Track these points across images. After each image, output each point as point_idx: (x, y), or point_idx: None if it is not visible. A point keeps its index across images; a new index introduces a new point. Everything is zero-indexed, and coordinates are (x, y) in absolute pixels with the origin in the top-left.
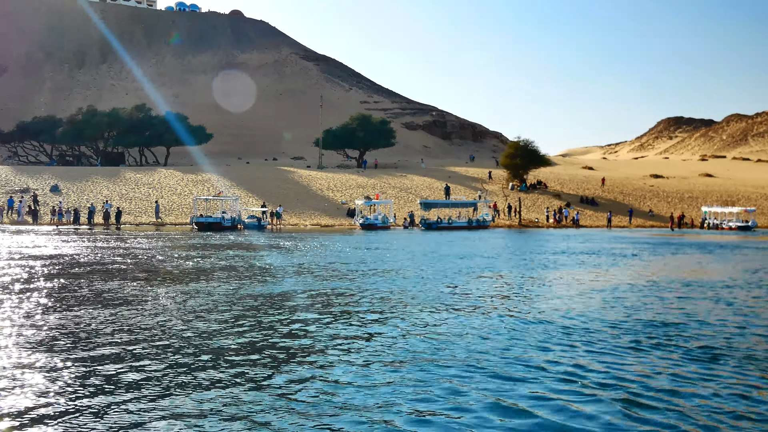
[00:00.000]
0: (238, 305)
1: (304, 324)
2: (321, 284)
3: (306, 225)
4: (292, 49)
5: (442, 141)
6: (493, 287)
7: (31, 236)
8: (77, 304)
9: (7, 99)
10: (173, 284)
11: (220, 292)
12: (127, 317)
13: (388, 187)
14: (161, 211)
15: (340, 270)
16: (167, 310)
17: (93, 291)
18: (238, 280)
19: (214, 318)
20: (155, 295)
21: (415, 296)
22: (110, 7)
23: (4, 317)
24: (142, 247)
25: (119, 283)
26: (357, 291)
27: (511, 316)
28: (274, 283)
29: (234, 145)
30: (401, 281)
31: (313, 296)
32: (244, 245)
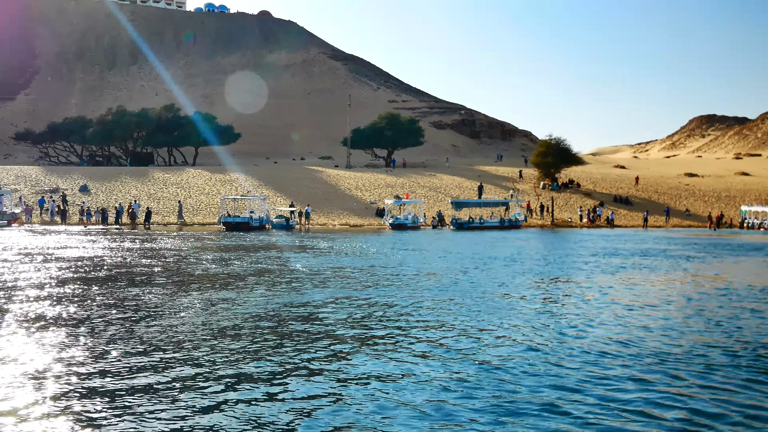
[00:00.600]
0: (279, 317)
1: (360, 342)
2: (369, 293)
3: (334, 225)
4: (320, 48)
5: (471, 140)
6: (562, 296)
7: (59, 237)
8: (106, 312)
9: (39, 100)
10: (205, 292)
11: (259, 302)
12: (157, 329)
13: (417, 186)
14: (185, 211)
15: (383, 275)
16: (199, 322)
17: (121, 298)
18: (276, 287)
19: (253, 333)
20: (187, 304)
21: (473, 307)
22: (140, 9)
23: (28, 324)
24: (171, 249)
25: (148, 289)
26: (409, 301)
27: (593, 335)
28: (316, 289)
29: (262, 145)
30: (456, 289)
31: (364, 306)
32: (275, 246)
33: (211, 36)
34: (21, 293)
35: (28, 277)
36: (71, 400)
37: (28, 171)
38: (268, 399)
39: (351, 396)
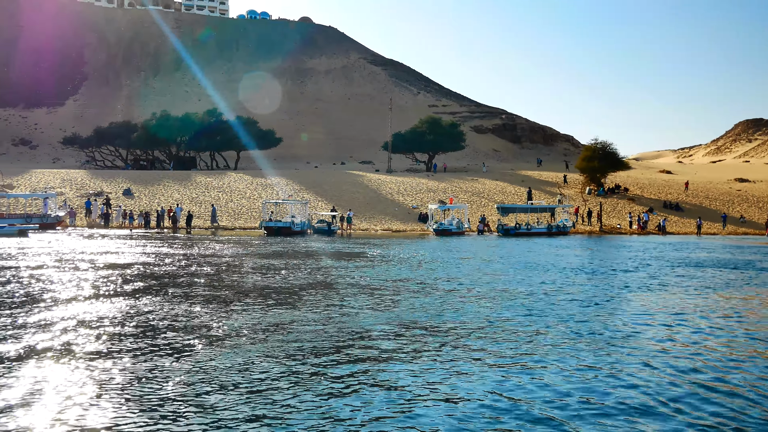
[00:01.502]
0: (345, 341)
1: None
2: (448, 317)
3: (376, 230)
4: (360, 54)
5: (512, 144)
6: (679, 319)
7: (104, 241)
8: (153, 327)
9: (87, 106)
10: (260, 307)
11: (321, 323)
12: (211, 351)
13: (460, 191)
14: (227, 215)
15: (458, 293)
16: (255, 344)
17: (171, 313)
18: (338, 304)
19: (316, 360)
20: (241, 321)
21: (589, 346)
22: (184, 16)
23: (67, 337)
24: (217, 255)
25: (200, 304)
26: (497, 323)
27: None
28: (383, 308)
29: (302, 150)
30: (536, 304)
31: (445, 335)
32: (324, 254)
33: (252, 42)
34: (62, 304)
35: (71, 285)
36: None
37: (74, 174)
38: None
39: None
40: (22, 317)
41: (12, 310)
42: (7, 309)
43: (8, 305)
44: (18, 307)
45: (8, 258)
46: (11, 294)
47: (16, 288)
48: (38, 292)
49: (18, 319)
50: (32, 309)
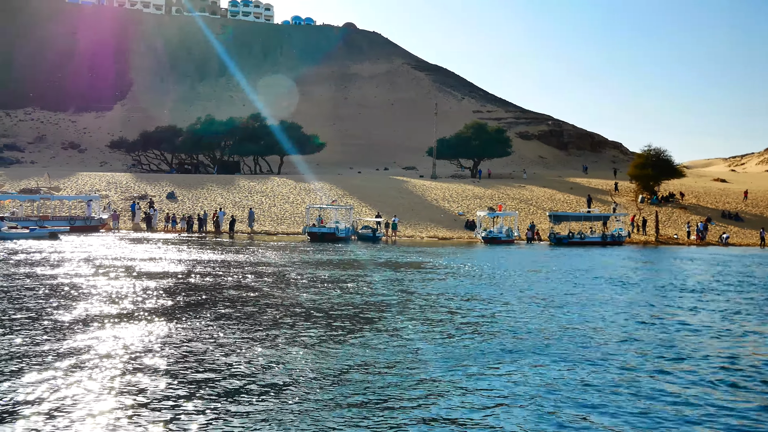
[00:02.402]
0: (437, 377)
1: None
2: (547, 354)
3: (422, 237)
4: (404, 59)
5: (559, 151)
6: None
7: (148, 246)
8: (188, 360)
9: (134, 110)
10: (322, 331)
11: (399, 354)
12: (257, 396)
13: (507, 198)
14: (269, 220)
15: (551, 314)
16: (320, 378)
17: (210, 340)
18: (417, 332)
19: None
20: (293, 357)
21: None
22: (230, 22)
23: (109, 351)
24: (267, 264)
25: (243, 328)
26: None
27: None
28: (483, 339)
29: (346, 155)
30: (675, 345)
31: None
32: (378, 263)
33: (297, 48)
34: (108, 317)
35: (118, 295)
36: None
37: (119, 178)
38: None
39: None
40: (34, 340)
41: (19, 331)
42: (15, 331)
43: (17, 324)
44: (25, 326)
45: (26, 264)
46: (19, 309)
47: (24, 302)
48: (48, 307)
49: (30, 344)
50: (50, 331)
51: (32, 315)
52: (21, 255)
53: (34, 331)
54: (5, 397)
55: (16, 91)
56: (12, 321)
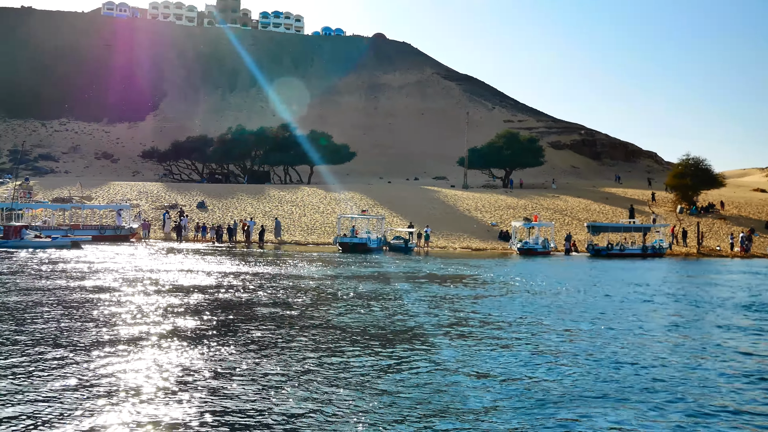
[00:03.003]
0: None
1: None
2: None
3: (455, 248)
4: (434, 69)
5: (591, 161)
6: None
7: (179, 257)
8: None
9: (166, 120)
10: (378, 363)
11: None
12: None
13: (541, 208)
14: (300, 230)
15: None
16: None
17: (249, 372)
18: (472, 361)
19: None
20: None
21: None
22: (260, 33)
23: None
24: (298, 276)
25: (286, 356)
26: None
27: None
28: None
29: (375, 165)
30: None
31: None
32: (418, 276)
33: (327, 58)
34: (119, 341)
35: (133, 314)
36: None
37: (150, 187)
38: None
39: None
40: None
41: (31, 349)
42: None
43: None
44: (21, 349)
45: (37, 275)
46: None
47: (25, 320)
48: (50, 326)
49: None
50: (49, 355)
51: (33, 334)
52: (35, 265)
53: (31, 353)
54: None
55: (51, 102)
56: (9, 342)
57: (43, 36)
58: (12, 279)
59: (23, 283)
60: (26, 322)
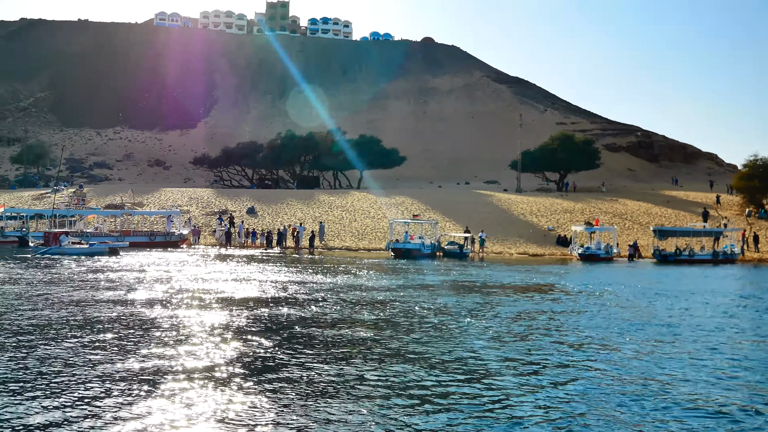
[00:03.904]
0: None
1: None
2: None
3: (512, 254)
4: (483, 72)
5: (648, 163)
6: None
7: (230, 264)
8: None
9: (217, 127)
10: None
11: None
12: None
13: (599, 212)
14: (349, 234)
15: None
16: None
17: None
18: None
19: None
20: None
21: None
22: (309, 40)
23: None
24: (354, 286)
25: (347, 386)
26: None
27: None
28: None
29: (425, 169)
30: None
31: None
32: (492, 285)
33: (375, 63)
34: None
35: (166, 335)
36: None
37: (200, 193)
38: None
39: None
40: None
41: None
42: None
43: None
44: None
45: (60, 282)
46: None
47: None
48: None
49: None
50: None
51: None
52: (60, 272)
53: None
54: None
55: (106, 111)
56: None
57: (98, 47)
58: (46, 290)
59: (58, 293)
60: (57, 341)
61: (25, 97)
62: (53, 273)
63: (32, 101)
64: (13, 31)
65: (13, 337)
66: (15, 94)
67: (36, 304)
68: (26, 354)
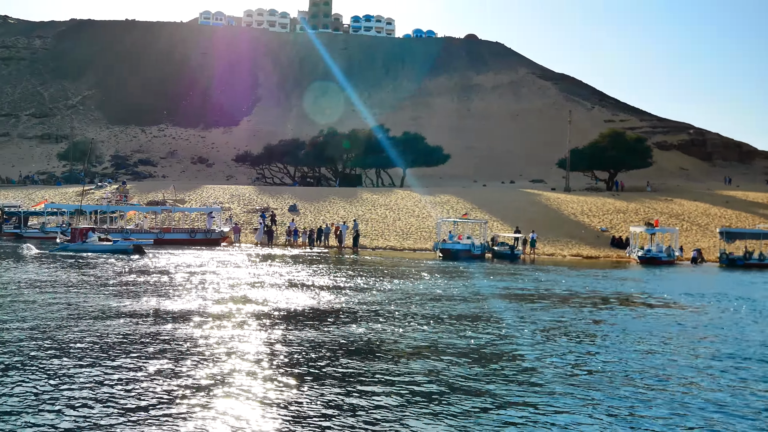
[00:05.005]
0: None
1: None
2: None
3: (564, 255)
4: (528, 69)
5: (702, 162)
6: None
7: (274, 266)
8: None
9: (260, 124)
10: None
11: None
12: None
13: (654, 212)
14: (392, 233)
15: None
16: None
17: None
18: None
19: None
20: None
21: None
22: (352, 38)
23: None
24: (416, 293)
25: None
26: None
27: None
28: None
29: (469, 168)
30: None
31: None
32: (559, 295)
33: (419, 60)
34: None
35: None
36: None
37: (242, 190)
38: None
39: None
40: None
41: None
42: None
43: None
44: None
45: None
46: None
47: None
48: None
49: None
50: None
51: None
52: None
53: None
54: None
55: (151, 109)
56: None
57: (143, 46)
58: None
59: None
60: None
61: (74, 95)
62: (56, 272)
63: (80, 99)
64: (63, 31)
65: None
66: (64, 93)
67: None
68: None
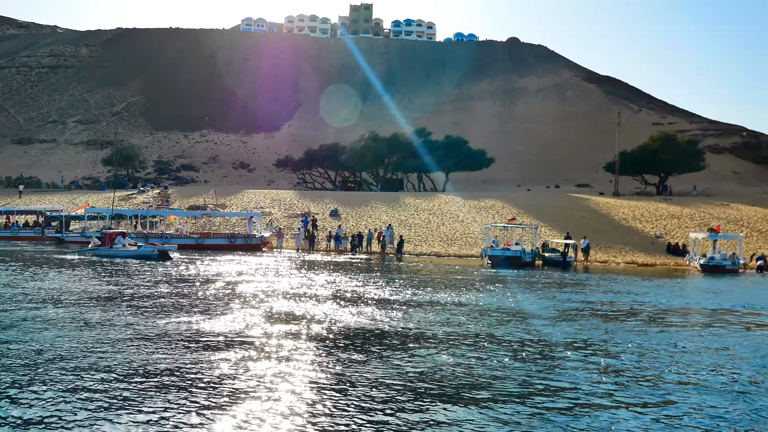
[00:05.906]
0: None
1: None
2: None
3: (618, 263)
4: (572, 71)
5: (756, 166)
6: None
7: (325, 273)
8: None
9: (301, 129)
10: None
11: None
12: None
13: (710, 218)
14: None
15: None
16: None
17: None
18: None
19: None
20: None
21: None
22: (393, 42)
23: None
24: (482, 308)
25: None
26: None
27: None
28: None
29: (513, 172)
30: None
31: None
32: (651, 315)
33: (460, 64)
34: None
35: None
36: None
37: (283, 195)
38: None
39: None
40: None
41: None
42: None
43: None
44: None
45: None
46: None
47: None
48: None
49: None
50: None
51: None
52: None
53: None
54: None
55: (194, 114)
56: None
57: (186, 53)
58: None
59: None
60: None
61: (119, 101)
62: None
63: (124, 106)
64: (109, 39)
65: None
66: (109, 99)
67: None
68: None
